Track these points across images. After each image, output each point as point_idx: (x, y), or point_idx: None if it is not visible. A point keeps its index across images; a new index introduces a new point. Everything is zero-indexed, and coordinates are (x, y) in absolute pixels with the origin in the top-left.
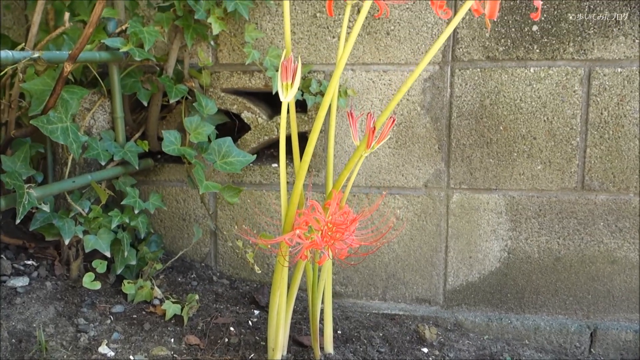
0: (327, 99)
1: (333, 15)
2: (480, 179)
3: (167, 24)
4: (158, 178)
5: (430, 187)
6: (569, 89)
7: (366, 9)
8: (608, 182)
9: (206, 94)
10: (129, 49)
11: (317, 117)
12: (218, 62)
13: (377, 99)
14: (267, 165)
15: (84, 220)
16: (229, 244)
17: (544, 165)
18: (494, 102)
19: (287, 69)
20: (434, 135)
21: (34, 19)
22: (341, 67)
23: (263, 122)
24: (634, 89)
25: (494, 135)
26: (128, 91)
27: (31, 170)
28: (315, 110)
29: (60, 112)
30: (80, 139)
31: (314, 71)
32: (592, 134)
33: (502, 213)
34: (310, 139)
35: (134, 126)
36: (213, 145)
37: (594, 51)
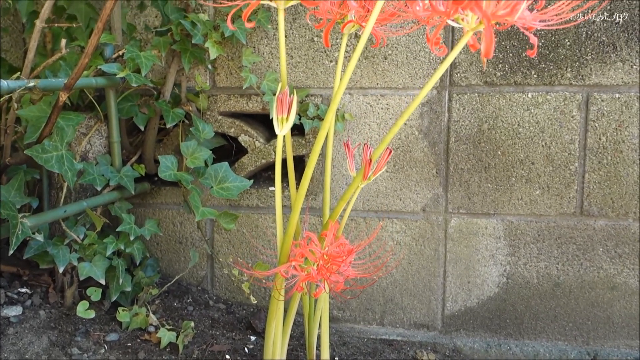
0: (326, 126)
1: (329, 45)
2: (479, 204)
3: (165, 48)
4: (155, 201)
5: (428, 211)
6: (567, 115)
7: (364, 41)
8: (607, 208)
9: (203, 117)
10: (125, 74)
11: (315, 145)
12: (215, 85)
13: (374, 123)
14: (264, 188)
15: (79, 247)
16: (225, 271)
17: (542, 191)
18: (492, 127)
19: (282, 103)
20: (432, 160)
21: (31, 44)
22: (339, 97)
23: (260, 145)
24: (632, 115)
25: (492, 160)
26: (125, 115)
27: (25, 199)
28: (312, 133)
29: (55, 140)
30: (75, 166)
31: (312, 95)
32: (590, 159)
33: (500, 238)
34: (307, 168)
35: (130, 149)
36: (210, 170)
37: (591, 77)
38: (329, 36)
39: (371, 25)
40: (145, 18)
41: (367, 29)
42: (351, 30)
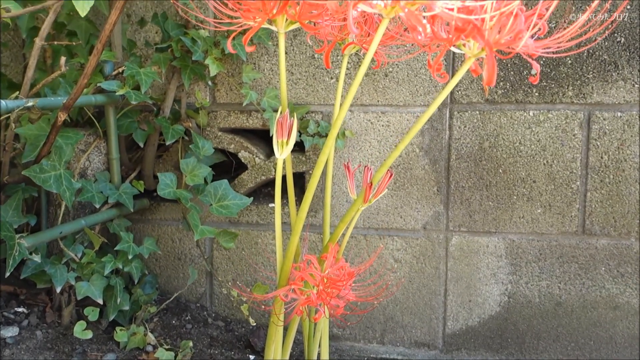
0: (326, 152)
1: (330, 67)
2: (480, 222)
3: (165, 65)
4: (154, 217)
5: (429, 229)
6: (568, 133)
7: (365, 65)
8: (609, 227)
9: (203, 133)
10: (125, 92)
11: (315, 169)
12: (215, 101)
13: (375, 140)
14: (264, 204)
15: (77, 266)
16: (224, 290)
17: (544, 209)
18: (493, 145)
19: (282, 126)
20: (433, 177)
21: (30, 62)
22: (340, 121)
23: (260, 162)
24: (634, 134)
25: (493, 178)
26: (124, 132)
27: (23, 218)
28: (312, 150)
29: (53, 159)
30: (73, 185)
31: (312, 112)
32: (592, 178)
33: (502, 256)
34: (307, 191)
35: (129, 165)
36: (209, 188)
37: (593, 95)
38: (329, 56)
39: (372, 52)
40: (145, 34)
41: (369, 55)
42: (352, 51)
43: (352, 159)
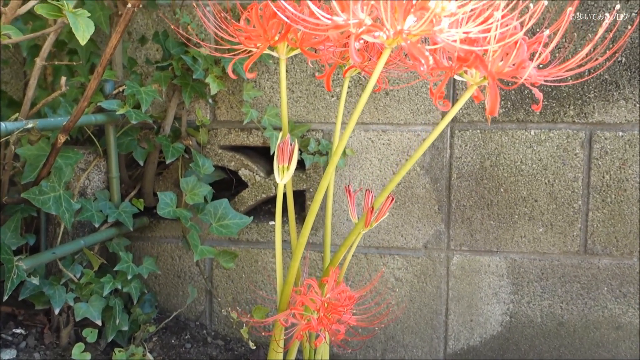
0: (327, 177)
1: (331, 90)
2: (481, 241)
3: (165, 83)
4: (153, 234)
5: (430, 248)
6: (570, 152)
7: (368, 92)
8: (611, 247)
9: (203, 150)
10: (125, 111)
11: (317, 193)
12: (216, 119)
13: (376, 159)
14: (264, 222)
15: (76, 287)
16: (223, 312)
17: (545, 228)
18: (494, 164)
19: (283, 152)
20: (434, 196)
21: (31, 82)
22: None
23: (260, 179)
24: (635, 153)
25: (494, 197)
26: (124, 150)
27: (22, 239)
28: (313, 168)
29: (53, 181)
30: (72, 206)
31: (313, 130)
32: (594, 197)
33: (503, 276)
34: (308, 217)
35: (129, 183)
36: (209, 207)
37: (594, 115)
38: (330, 79)
39: (374, 80)
40: (146, 51)
41: (371, 83)
42: (353, 74)
43: (352, 177)
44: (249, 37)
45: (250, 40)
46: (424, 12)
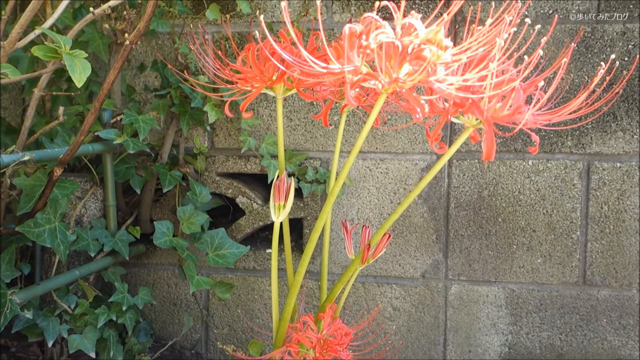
0: (327, 210)
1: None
2: (479, 271)
3: (163, 111)
4: (150, 261)
5: (428, 277)
6: (568, 183)
7: (367, 129)
8: (610, 278)
9: (201, 177)
10: (123, 140)
11: (314, 231)
12: (214, 146)
13: (373, 187)
14: (261, 250)
15: (70, 318)
16: (219, 344)
17: (544, 259)
18: (492, 194)
19: (279, 190)
20: (432, 225)
21: (29, 112)
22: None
23: (258, 207)
24: (633, 184)
25: (492, 227)
26: (121, 179)
27: (16, 272)
28: (311, 196)
29: (48, 212)
30: (68, 238)
31: (311, 158)
32: (592, 228)
33: (502, 306)
34: (305, 253)
35: (126, 210)
36: (206, 237)
37: (592, 145)
38: (327, 116)
39: (371, 122)
40: (145, 78)
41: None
42: (350, 108)
43: (350, 205)
44: (245, 78)
45: (247, 82)
46: (420, 62)
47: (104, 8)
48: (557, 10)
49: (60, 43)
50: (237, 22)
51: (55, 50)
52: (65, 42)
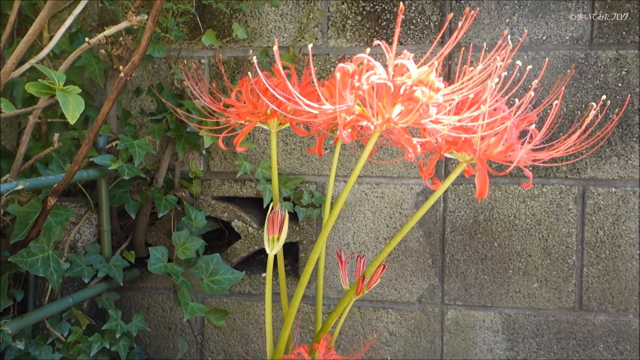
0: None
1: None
2: (476, 296)
3: (159, 135)
4: (144, 285)
5: (424, 302)
6: (563, 208)
7: (364, 159)
8: (607, 303)
9: (197, 201)
10: (117, 166)
11: (309, 262)
12: (210, 169)
13: (369, 212)
14: (256, 274)
15: (63, 346)
16: None
17: (540, 284)
18: (487, 218)
19: (273, 223)
20: (428, 250)
21: (23, 139)
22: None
23: (254, 231)
24: (629, 209)
25: (488, 252)
26: (116, 203)
27: (9, 301)
28: (306, 220)
29: (42, 241)
30: (61, 267)
31: (306, 182)
32: (588, 253)
33: (498, 331)
34: (301, 281)
35: (121, 234)
36: (201, 262)
37: (587, 170)
38: (322, 147)
39: (364, 160)
40: (141, 102)
41: (361, 161)
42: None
43: (346, 230)
44: (238, 114)
45: (240, 118)
46: (411, 103)
47: (99, 38)
48: (551, 37)
49: (54, 79)
50: (234, 46)
51: (49, 87)
52: (59, 78)
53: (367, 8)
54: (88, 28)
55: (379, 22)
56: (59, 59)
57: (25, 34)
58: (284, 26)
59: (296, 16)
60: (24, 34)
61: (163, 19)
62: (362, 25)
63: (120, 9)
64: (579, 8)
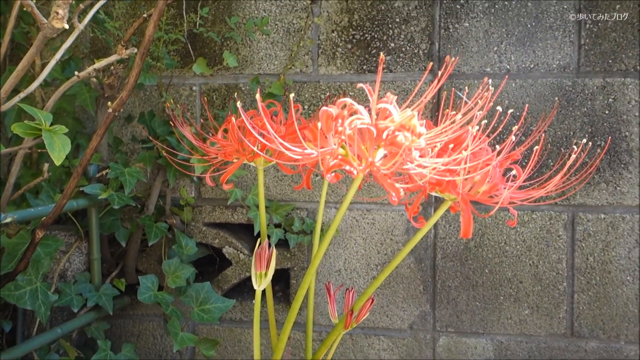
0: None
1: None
2: (467, 322)
3: (150, 163)
4: (135, 312)
5: (415, 329)
6: (553, 234)
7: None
8: (598, 329)
9: (188, 227)
10: (108, 195)
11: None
12: (201, 196)
13: (360, 238)
14: (247, 301)
15: None
16: None
17: (531, 310)
18: (478, 245)
19: (260, 258)
20: (419, 276)
21: (13, 169)
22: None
23: (245, 257)
24: (618, 236)
25: (479, 278)
26: (107, 231)
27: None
28: (297, 247)
29: (30, 273)
30: (49, 298)
31: (297, 208)
32: (578, 279)
33: (490, 358)
34: (290, 313)
35: (111, 261)
36: (191, 291)
37: (576, 197)
38: (310, 181)
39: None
40: (132, 129)
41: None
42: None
43: (337, 256)
44: (224, 153)
45: (227, 156)
46: (394, 147)
47: (89, 71)
48: (539, 65)
49: (41, 119)
50: (225, 74)
51: (35, 128)
52: (45, 118)
53: (357, 36)
54: (80, 55)
55: (368, 50)
56: (50, 87)
57: (17, 60)
58: (275, 54)
59: (287, 44)
60: (16, 61)
61: (154, 48)
62: (352, 53)
63: (111, 38)
64: (565, 37)
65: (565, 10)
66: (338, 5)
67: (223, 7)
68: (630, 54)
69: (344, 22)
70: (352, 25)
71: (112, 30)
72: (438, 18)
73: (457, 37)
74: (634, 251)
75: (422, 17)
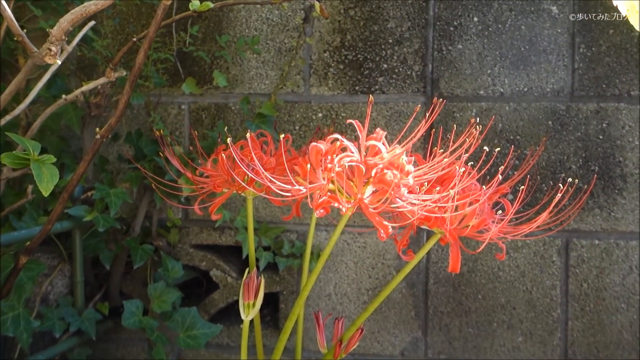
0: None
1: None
2: (460, 349)
3: (136, 183)
4: (118, 336)
5: (407, 356)
6: (547, 260)
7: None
8: (592, 357)
9: (174, 249)
10: (93, 217)
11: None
12: (188, 217)
13: (351, 262)
14: (235, 326)
15: None
16: None
17: (525, 337)
18: (471, 270)
19: (249, 288)
20: (410, 302)
21: None
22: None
23: (232, 281)
24: (612, 262)
25: (472, 304)
26: (91, 253)
27: None
28: (287, 270)
29: (12, 299)
30: (31, 325)
31: (287, 231)
32: (572, 306)
33: None
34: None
35: (95, 284)
36: (177, 316)
37: (570, 222)
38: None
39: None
40: (118, 148)
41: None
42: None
43: (327, 280)
44: (213, 185)
45: (216, 188)
46: (382, 185)
47: (76, 94)
48: (532, 88)
49: (29, 149)
50: (214, 93)
51: (24, 159)
52: (33, 148)
53: (349, 57)
54: (66, 72)
55: (360, 71)
56: (35, 103)
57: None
58: (266, 73)
59: (278, 63)
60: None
61: (143, 67)
62: (344, 74)
63: (99, 56)
64: (559, 60)
65: (559, 34)
66: (330, 26)
67: (214, 25)
68: (624, 79)
69: (337, 42)
70: (344, 45)
71: (99, 49)
72: (431, 40)
73: (451, 59)
74: (628, 278)
75: (415, 39)
